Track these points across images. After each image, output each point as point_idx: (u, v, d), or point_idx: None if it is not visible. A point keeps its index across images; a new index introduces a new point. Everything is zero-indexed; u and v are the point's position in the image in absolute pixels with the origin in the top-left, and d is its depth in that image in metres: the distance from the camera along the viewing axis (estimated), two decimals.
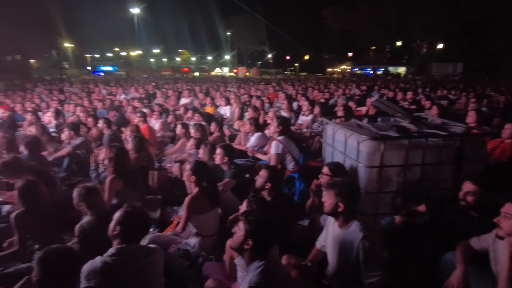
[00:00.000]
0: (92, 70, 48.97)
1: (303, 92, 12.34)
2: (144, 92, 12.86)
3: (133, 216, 2.16)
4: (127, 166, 3.88)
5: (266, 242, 1.98)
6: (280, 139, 4.40)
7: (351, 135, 3.20)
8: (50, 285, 1.75)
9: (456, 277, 2.15)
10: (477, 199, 2.47)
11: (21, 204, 2.92)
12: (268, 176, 3.09)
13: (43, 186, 3.17)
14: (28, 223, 2.86)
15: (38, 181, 3.15)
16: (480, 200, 2.46)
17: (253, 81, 22.41)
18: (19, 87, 17.22)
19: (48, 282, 1.74)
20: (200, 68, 59.17)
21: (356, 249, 2.22)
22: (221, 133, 6.12)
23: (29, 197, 2.93)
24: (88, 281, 1.95)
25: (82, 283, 1.97)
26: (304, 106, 7.01)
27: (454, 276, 2.17)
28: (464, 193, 2.53)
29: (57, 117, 7.36)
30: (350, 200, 2.30)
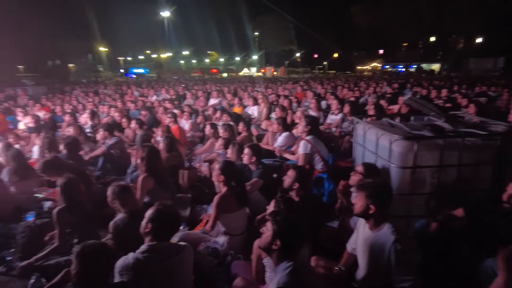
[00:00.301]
0: (124, 72, 50.84)
1: (332, 91, 12.15)
2: (175, 94, 13.17)
3: (164, 214, 2.22)
4: (159, 165, 3.99)
5: (294, 242, 1.96)
6: (309, 138, 4.35)
7: (383, 134, 3.11)
8: (87, 278, 1.84)
9: (498, 286, 2.03)
10: None
11: (62, 200, 3.08)
12: (296, 176, 3.07)
13: (82, 184, 3.34)
14: (68, 218, 3.01)
15: (78, 179, 3.32)
16: None
17: (281, 81, 22.35)
18: (59, 90, 18.22)
19: (85, 275, 1.83)
20: (228, 69, 59.83)
21: (388, 252, 2.15)
22: (249, 133, 6.14)
23: (70, 194, 3.09)
24: (121, 276, 2.03)
25: (116, 278, 2.05)
26: (333, 105, 6.89)
27: (495, 284, 2.04)
28: (508, 195, 2.39)
29: (92, 118, 7.72)
30: (382, 202, 2.23)
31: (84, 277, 1.83)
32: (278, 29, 50.99)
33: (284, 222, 1.95)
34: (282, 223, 1.94)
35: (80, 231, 3.04)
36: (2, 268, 3.10)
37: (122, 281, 2.02)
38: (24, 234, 3.33)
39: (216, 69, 58.57)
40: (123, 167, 5.25)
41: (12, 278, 3.01)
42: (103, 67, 53.29)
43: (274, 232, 1.93)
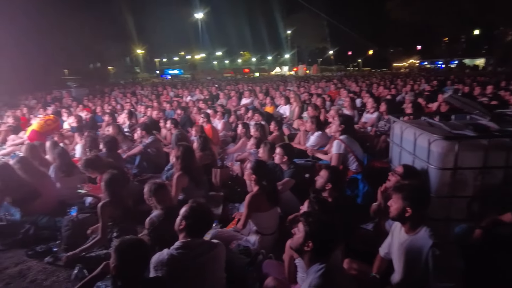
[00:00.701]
0: (160, 73, 52.54)
1: (367, 89, 11.81)
2: (208, 94, 13.42)
3: (197, 211, 2.27)
4: (193, 164, 4.09)
5: (326, 244, 1.93)
6: (342, 138, 4.26)
7: (421, 134, 2.97)
8: (124, 271, 1.92)
9: None
10: None
11: (106, 195, 3.25)
12: (328, 176, 3.02)
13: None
14: (111, 213, 3.17)
15: (121, 175, 3.49)
16: None
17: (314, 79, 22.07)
18: (99, 91, 19.18)
19: (122, 269, 1.91)
20: (260, 69, 60.02)
21: (425, 257, 2.05)
22: (280, 132, 6.13)
23: (113, 189, 3.26)
24: (156, 271, 2.11)
25: (151, 272, 2.13)
26: (369, 103, 6.70)
27: None
28: None
29: (130, 118, 8.04)
30: (419, 204, 2.14)
31: (122, 270, 1.91)
32: (311, 27, 50.30)
33: (316, 224, 1.92)
34: (315, 225, 1.91)
35: (120, 225, 3.18)
36: (49, 258, 3.32)
37: (157, 276, 2.09)
38: (68, 227, 3.54)
39: (248, 68, 58.95)
40: (159, 165, 5.44)
41: (58, 268, 3.21)
42: (140, 68, 55.42)
43: (306, 233, 1.91)
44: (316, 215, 2.03)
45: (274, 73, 53.51)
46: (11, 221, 3.85)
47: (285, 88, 14.21)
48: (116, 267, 1.91)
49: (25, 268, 3.25)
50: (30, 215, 3.88)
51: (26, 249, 3.51)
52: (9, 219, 3.85)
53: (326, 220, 1.98)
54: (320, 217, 1.99)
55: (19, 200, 3.92)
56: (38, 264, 3.31)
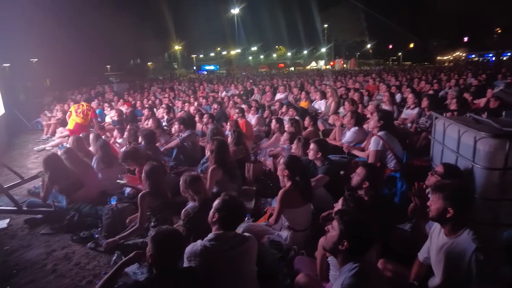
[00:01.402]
0: (197, 69, 53.62)
1: (408, 83, 11.28)
2: (243, 89, 13.50)
3: (230, 204, 2.30)
4: (227, 158, 4.14)
5: (362, 244, 1.86)
6: (381, 134, 4.09)
7: (466, 131, 2.77)
8: (160, 260, 1.98)
9: None
10: None
11: (146, 186, 3.38)
12: (365, 174, 2.92)
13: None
14: (150, 203, 3.29)
15: (161, 166, 3.61)
16: None
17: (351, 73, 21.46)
18: (139, 86, 19.96)
19: (158, 257, 1.97)
20: (295, 63, 59.41)
21: (468, 262, 1.92)
22: (315, 127, 6.02)
23: (154, 180, 3.37)
24: (189, 262, 2.16)
25: (185, 263, 2.18)
26: (409, 99, 6.40)
27: None
28: None
29: (168, 112, 8.29)
30: (461, 205, 2.00)
31: (157, 259, 1.97)
32: (349, 20, 48.87)
33: (352, 223, 1.85)
34: (350, 224, 1.85)
35: (157, 215, 3.30)
36: (91, 244, 3.52)
37: (191, 266, 2.14)
38: (108, 215, 3.72)
39: (283, 63, 58.53)
40: (194, 158, 5.56)
41: (99, 253, 3.40)
42: (177, 64, 56.94)
43: (341, 232, 1.85)
44: (352, 213, 1.96)
45: (309, 67, 52.75)
46: (58, 208, 4.12)
47: (321, 83, 13.94)
48: (152, 256, 1.97)
49: (70, 252, 3.48)
50: (74, 203, 4.13)
51: (71, 234, 3.74)
52: (57, 206, 4.12)
53: (362, 219, 1.91)
54: (356, 216, 1.92)
55: (65, 188, 4.18)
56: (81, 248, 3.53)
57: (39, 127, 10.41)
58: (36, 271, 3.17)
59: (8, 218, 4.23)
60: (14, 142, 8.98)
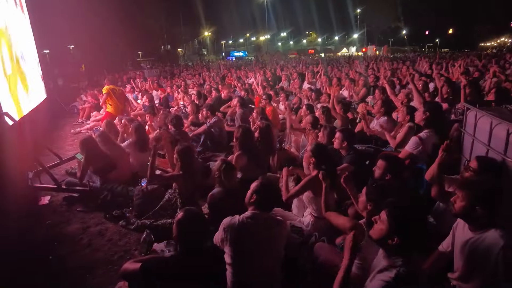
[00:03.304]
0: (226, 55, 53.72)
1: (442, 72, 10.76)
2: (271, 76, 13.42)
3: (267, 187, 2.44)
4: (252, 144, 4.21)
5: (414, 242, 1.78)
6: (423, 137, 3.70)
7: (499, 123, 2.66)
8: (184, 241, 2.11)
9: None
10: None
11: (179, 167, 3.53)
12: (386, 167, 2.88)
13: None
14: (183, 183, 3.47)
15: (192, 147, 3.76)
16: None
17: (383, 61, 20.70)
18: (169, 72, 20.35)
19: (182, 239, 2.10)
20: (326, 49, 58.05)
21: (495, 258, 1.88)
22: (345, 116, 5.93)
23: (186, 160, 3.53)
24: (225, 232, 2.27)
25: (220, 233, 2.30)
26: (443, 89, 6.13)
27: None
28: None
29: (198, 98, 8.44)
30: (490, 204, 1.94)
31: (181, 240, 2.10)
32: (383, 5, 46.90)
33: (403, 218, 1.77)
34: (402, 221, 1.76)
35: (186, 196, 3.45)
36: (123, 222, 3.74)
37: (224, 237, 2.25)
38: (139, 196, 3.93)
39: (313, 49, 57.38)
40: (221, 144, 5.69)
41: (130, 231, 3.61)
42: (207, 51, 57.32)
43: (391, 227, 1.77)
44: (404, 209, 1.83)
45: (340, 54, 51.41)
46: (93, 187, 4.38)
47: (351, 70, 13.59)
48: (177, 237, 2.11)
49: (103, 229, 3.73)
50: (107, 183, 4.37)
51: (104, 212, 3.99)
52: (92, 185, 4.39)
53: (415, 215, 1.81)
54: (409, 212, 1.81)
55: (99, 169, 4.43)
56: (114, 226, 3.76)
57: (76, 111, 10.95)
58: (74, 245, 3.44)
59: (49, 195, 4.57)
60: (53, 125, 9.53)
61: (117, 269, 2.79)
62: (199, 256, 2.11)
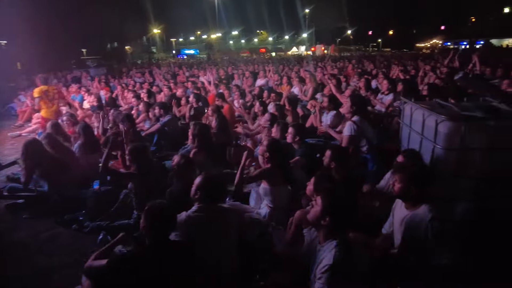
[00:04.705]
0: (176, 53, 52.48)
1: (384, 70, 11.59)
2: (224, 74, 13.47)
3: (210, 181, 2.48)
4: (209, 141, 4.27)
5: (343, 222, 2.00)
6: (355, 120, 4.27)
7: (429, 115, 3.01)
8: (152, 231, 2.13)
9: None
10: None
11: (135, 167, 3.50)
12: (331, 155, 3.12)
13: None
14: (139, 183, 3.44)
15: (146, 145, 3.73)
16: None
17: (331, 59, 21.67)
18: (117, 71, 19.50)
19: (151, 229, 2.12)
20: (277, 48, 59.12)
21: (424, 230, 2.17)
22: (295, 112, 6.19)
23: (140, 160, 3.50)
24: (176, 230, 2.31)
25: None
26: (384, 85, 6.65)
27: None
28: None
29: (149, 97, 8.23)
30: (422, 183, 2.25)
31: (150, 230, 2.12)
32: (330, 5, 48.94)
33: (335, 201, 1.97)
34: (333, 202, 1.97)
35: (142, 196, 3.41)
36: (76, 225, 3.61)
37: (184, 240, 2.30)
38: (92, 198, 3.82)
39: (265, 48, 58.16)
40: (176, 143, 5.64)
41: (84, 234, 3.50)
42: (156, 48, 55.57)
43: (324, 209, 1.97)
44: (336, 192, 2.07)
45: (291, 53, 52.69)
46: (40, 192, 4.16)
47: (301, 68, 14.09)
48: (145, 227, 2.12)
49: (56, 233, 3.59)
50: (57, 187, 4.17)
51: (55, 217, 3.81)
52: (39, 190, 4.16)
53: (345, 198, 2.04)
54: (339, 195, 2.04)
55: (47, 173, 4.20)
56: (66, 230, 3.63)
57: (13, 113, 10.12)
58: (24, 251, 3.27)
59: None
60: None
61: (75, 272, 2.70)
62: (168, 249, 2.14)
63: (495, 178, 2.79)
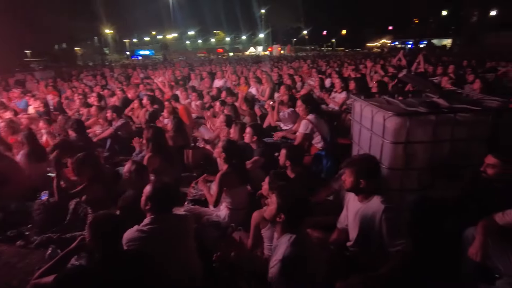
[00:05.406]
0: (130, 54, 50.65)
1: (338, 69, 12.03)
2: (180, 75, 13.21)
3: (161, 190, 2.38)
4: (165, 145, 4.15)
5: (297, 217, 2.06)
6: (310, 118, 4.42)
7: (377, 111, 3.17)
8: (100, 244, 2.01)
9: (474, 248, 2.17)
10: (498, 172, 2.47)
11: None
12: (286, 154, 3.20)
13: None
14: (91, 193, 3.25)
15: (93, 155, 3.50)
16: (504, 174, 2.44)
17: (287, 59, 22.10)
18: (66, 73, 18.38)
19: (98, 242, 2.00)
20: (234, 48, 59.17)
21: (379, 220, 2.27)
22: (253, 112, 6.24)
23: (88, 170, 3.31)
24: (128, 247, 2.22)
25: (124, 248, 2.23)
26: (337, 84, 6.90)
27: (472, 247, 2.18)
28: (485, 165, 2.54)
29: (99, 101, 7.86)
30: (370, 176, 2.35)
31: (97, 243, 2.00)
32: (285, 6, 49.88)
33: (289, 197, 2.03)
34: (287, 198, 2.03)
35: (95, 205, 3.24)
36: (21, 242, 3.35)
37: (136, 250, 2.20)
38: (39, 211, 3.56)
39: (222, 48, 57.96)
40: (130, 148, 5.42)
41: (31, 250, 3.25)
42: (109, 49, 53.23)
43: (278, 206, 2.03)
44: (289, 188, 2.14)
45: (248, 53, 52.97)
46: None
47: (258, 69, 14.21)
48: (92, 241, 2.00)
49: None
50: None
51: None
52: None
53: (298, 193, 2.10)
54: (292, 191, 2.10)
55: None
56: (10, 248, 3.34)
57: None
58: None
59: None
60: None
61: None
62: (120, 261, 2.03)
63: (436, 168, 3.01)
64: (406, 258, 2.21)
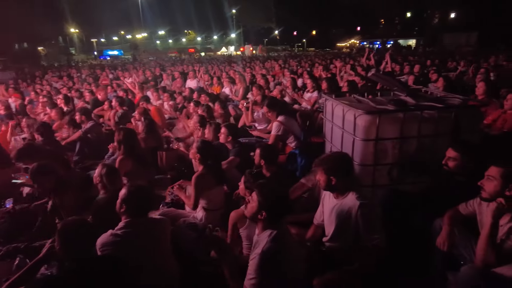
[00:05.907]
0: (98, 55, 49.00)
1: (309, 69, 12.24)
2: (151, 75, 12.95)
3: (136, 193, 2.33)
4: (137, 147, 4.06)
5: (278, 214, 2.10)
6: (281, 119, 4.46)
7: (348, 110, 3.27)
8: (70, 251, 1.94)
9: (441, 237, 2.29)
10: (459, 165, 2.61)
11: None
12: (260, 154, 3.26)
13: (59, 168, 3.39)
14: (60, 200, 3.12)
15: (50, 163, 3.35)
16: (464, 166, 2.58)
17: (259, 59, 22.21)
18: (29, 74, 17.50)
19: (68, 249, 1.93)
20: (206, 48, 58.67)
21: (355, 216, 2.34)
22: (226, 112, 6.23)
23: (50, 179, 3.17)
24: (102, 252, 2.16)
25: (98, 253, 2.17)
26: (308, 84, 7.02)
27: (439, 237, 2.31)
28: (446, 158, 2.67)
29: (66, 103, 7.56)
30: (341, 172, 2.41)
31: (67, 250, 1.93)
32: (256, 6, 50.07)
33: (270, 195, 2.06)
34: (268, 196, 2.06)
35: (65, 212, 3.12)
36: None
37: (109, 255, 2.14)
38: (3, 219, 3.38)
39: (194, 48, 57.30)
40: (101, 150, 5.27)
41: None
42: (75, 49, 51.20)
43: (259, 204, 2.05)
44: (269, 187, 2.16)
45: (220, 53, 52.72)
46: None
47: (231, 69, 14.20)
48: (61, 249, 1.93)
49: None
50: None
51: None
52: None
53: (278, 191, 2.14)
54: (272, 189, 2.13)
55: None
56: None
57: None
58: None
59: None
60: None
61: None
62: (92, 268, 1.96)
63: (405, 164, 3.14)
64: (381, 252, 2.30)
